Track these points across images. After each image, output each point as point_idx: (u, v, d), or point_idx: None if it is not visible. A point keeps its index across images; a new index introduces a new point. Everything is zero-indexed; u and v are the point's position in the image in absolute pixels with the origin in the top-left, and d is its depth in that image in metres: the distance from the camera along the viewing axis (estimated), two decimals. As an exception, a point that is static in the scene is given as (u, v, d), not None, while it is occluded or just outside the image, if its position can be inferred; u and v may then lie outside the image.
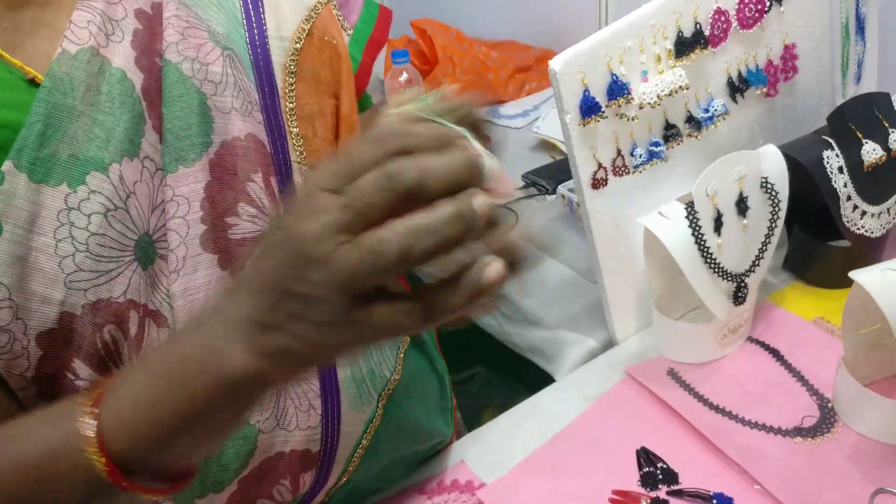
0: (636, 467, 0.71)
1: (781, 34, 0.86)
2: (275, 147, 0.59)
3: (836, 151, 0.84)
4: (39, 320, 0.47)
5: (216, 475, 0.56)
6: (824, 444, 0.71)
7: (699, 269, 0.76)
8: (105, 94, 0.49)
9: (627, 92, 0.76)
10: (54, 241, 0.46)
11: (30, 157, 0.45)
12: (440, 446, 0.78)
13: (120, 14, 0.51)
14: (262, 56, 0.59)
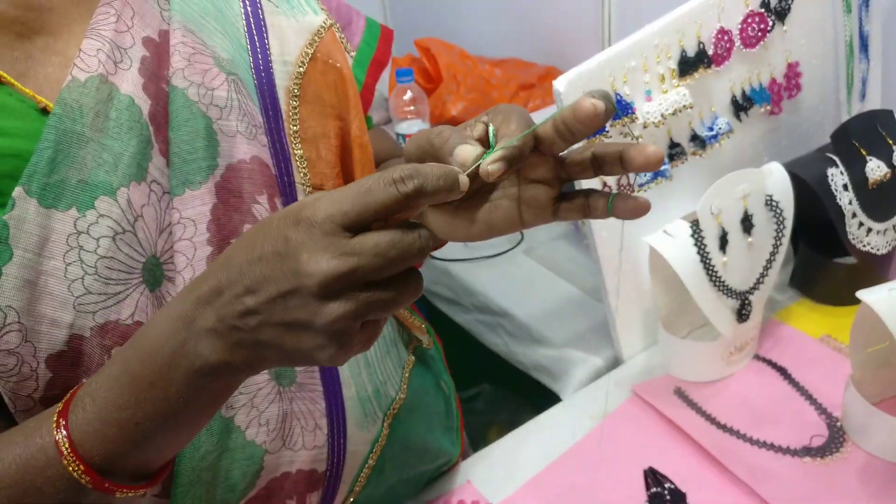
0: (644, 488, 0.71)
1: (785, 53, 0.87)
2: (279, 169, 0.59)
3: (840, 169, 0.84)
4: (49, 343, 0.47)
5: (223, 496, 0.56)
6: (833, 464, 0.70)
7: (704, 287, 0.76)
8: (113, 120, 0.50)
9: (632, 111, 0.77)
10: (64, 264, 0.47)
11: (40, 183, 0.46)
12: (446, 467, 0.78)
13: (128, 42, 0.52)
14: (265, 80, 0.59)
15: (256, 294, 0.38)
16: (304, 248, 0.37)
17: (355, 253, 0.37)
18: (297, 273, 0.37)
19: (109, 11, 0.52)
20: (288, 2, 0.63)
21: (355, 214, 0.37)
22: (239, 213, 0.55)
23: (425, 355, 0.75)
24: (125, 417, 0.41)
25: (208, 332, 0.39)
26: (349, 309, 0.37)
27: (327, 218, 0.37)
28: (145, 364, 0.41)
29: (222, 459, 0.55)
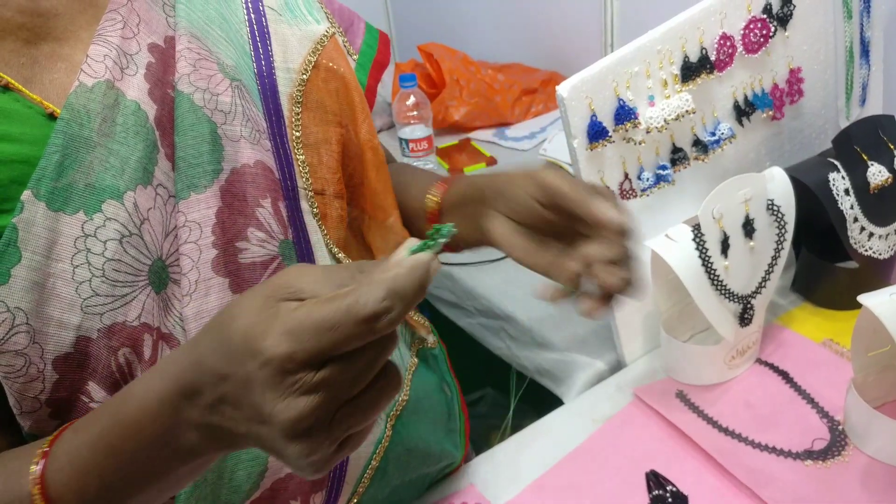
0: (646, 490, 0.71)
1: (786, 58, 0.87)
2: (283, 173, 0.60)
3: (841, 173, 0.85)
4: (56, 345, 0.48)
5: (228, 497, 0.56)
6: (835, 468, 0.70)
7: (706, 291, 0.76)
8: (120, 125, 0.50)
9: (634, 116, 0.77)
10: (71, 267, 0.47)
11: (48, 187, 0.47)
12: (449, 469, 0.78)
13: (134, 48, 0.53)
14: (269, 87, 0.60)
15: (230, 407, 0.38)
16: (266, 386, 0.35)
17: (319, 387, 0.35)
18: (262, 411, 0.36)
19: (116, 18, 0.53)
20: (291, 11, 0.64)
21: (317, 352, 0.34)
22: (243, 216, 0.56)
23: (428, 357, 0.75)
24: (103, 481, 0.42)
25: (192, 425, 0.40)
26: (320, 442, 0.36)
27: (286, 358, 0.34)
28: (128, 439, 0.42)
29: (227, 460, 0.55)
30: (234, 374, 0.37)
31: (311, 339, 0.34)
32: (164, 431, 0.41)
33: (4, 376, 0.47)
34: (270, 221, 0.57)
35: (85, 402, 0.50)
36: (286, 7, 0.64)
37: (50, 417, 0.49)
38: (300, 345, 0.34)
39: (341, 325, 0.34)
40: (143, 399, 0.41)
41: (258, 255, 0.56)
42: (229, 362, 0.37)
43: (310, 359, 0.35)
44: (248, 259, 0.56)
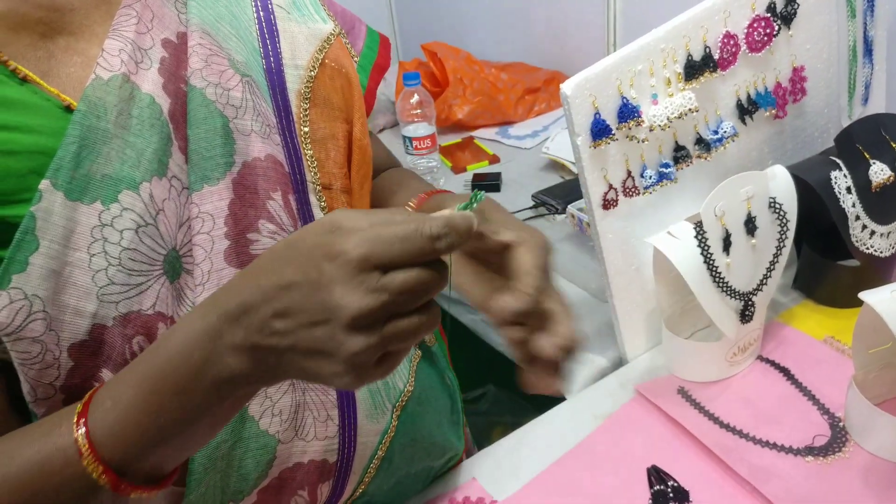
0: (647, 485, 0.72)
1: (790, 57, 0.88)
2: (292, 168, 0.61)
3: (844, 172, 0.85)
4: (72, 332, 0.48)
5: (237, 485, 0.57)
6: (836, 464, 0.71)
7: (708, 288, 0.77)
8: (135, 117, 0.51)
9: (637, 114, 0.78)
10: (88, 255, 0.48)
11: (66, 177, 0.47)
12: (452, 462, 0.79)
13: (148, 43, 0.54)
14: (278, 83, 0.61)
15: (286, 319, 0.40)
16: (338, 282, 0.38)
17: (385, 290, 0.38)
18: (329, 306, 0.38)
19: (130, 13, 0.53)
20: (299, 9, 0.65)
21: (388, 259, 0.39)
22: (254, 208, 0.57)
23: (430, 351, 0.76)
24: (147, 422, 0.43)
25: (235, 348, 0.41)
26: (373, 343, 0.39)
27: (363, 258, 0.38)
28: (169, 373, 0.42)
29: (236, 448, 0.56)
30: (304, 279, 0.39)
31: (386, 246, 0.39)
32: (204, 361, 0.41)
33: (21, 363, 0.47)
34: (281, 214, 0.58)
35: None
36: (294, 5, 0.65)
37: (64, 405, 0.50)
38: (376, 249, 0.39)
39: (412, 239, 0.39)
40: (184, 332, 0.43)
41: (269, 246, 0.57)
42: (297, 270, 0.40)
43: (382, 263, 0.39)
44: (259, 250, 0.57)
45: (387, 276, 0.39)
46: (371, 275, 0.38)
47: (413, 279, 0.39)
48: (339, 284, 0.38)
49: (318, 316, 0.39)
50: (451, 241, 0.40)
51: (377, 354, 0.40)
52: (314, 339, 0.39)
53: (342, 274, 0.38)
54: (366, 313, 0.38)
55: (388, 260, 0.39)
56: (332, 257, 0.39)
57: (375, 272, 0.39)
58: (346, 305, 0.38)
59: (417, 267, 0.39)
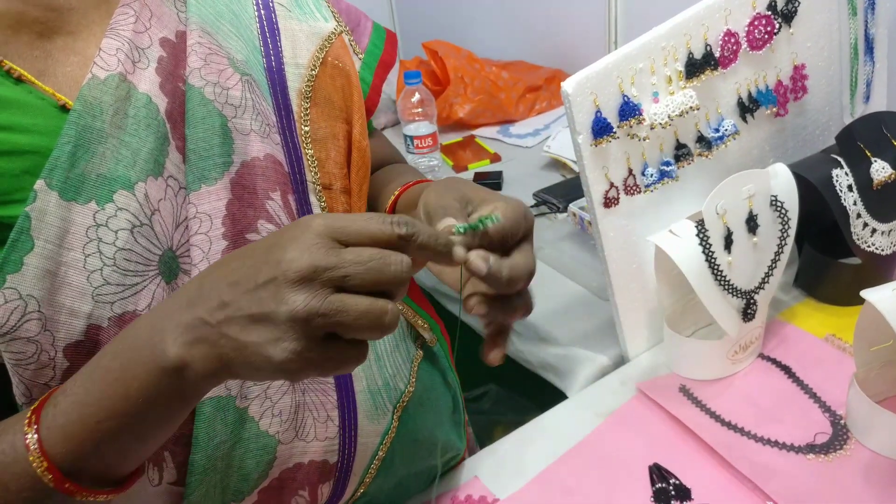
0: (649, 483, 0.72)
1: (791, 55, 0.87)
2: (292, 167, 0.60)
3: (845, 170, 0.85)
4: (67, 332, 0.48)
5: (237, 485, 0.57)
6: (837, 461, 0.71)
7: (709, 287, 0.77)
8: (132, 117, 0.51)
9: (639, 113, 0.78)
10: (83, 255, 0.48)
11: (61, 177, 0.47)
12: (454, 462, 0.79)
13: (146, 42, 0.54)
14: (278, 81, 0.61)
15: (235, 287, 0.40)
16: (295, 243, 0.39)
17: (338, 256, 0.39)
18: (279, 262, 0.39)
19: (128, 12, 0.53)
20: (300, 7, 0.64)
21: (349, 233, 0.40)
22: (253, 208, 0.56)
23: (432, 351, 0.76)
24: (88, 414, 0.42)
25: (176, 327, 0.41)
26: (314, 304, 0.38)
27: (324, 228, 0.39)
28: (114, 359, 0.42)
29: (236, 449, 0.56)
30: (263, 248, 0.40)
31: (348, 220, 0.40)
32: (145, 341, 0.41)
33: (16, 363, 0.47)
34: (280, 214, 0.58)
35: None
36: (295, 4, 0.64)
37: None
38: (338, 221, 0.40)
39: (374, 218, 0.41)
40: (134, 324, 0.43)
41: None
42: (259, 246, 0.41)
43: (341, 236, 0.40)
44: None
45: (344, 249, 0.39)
46: (328, 241, 0.39)
47: (368, 252, 0.39)
48: (295, 245, 0.39)
49: (267, 274, 0.39)
50: (410, 231, 0.41)
51: (320, 323, 0.38)
52: (257, 301, 0.39)
53: (300, 236, 0.39)
54: (312, 269, 0.38)
55: (348, 234, 0.40)
56: (295, 233, 0.40)
57: (334, 242, 0.39)
58: (295, 259, 0.38)
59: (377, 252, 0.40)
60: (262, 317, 0.39)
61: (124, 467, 0.46)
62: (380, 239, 0.40)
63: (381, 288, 0.40)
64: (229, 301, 0.40)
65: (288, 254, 0.39)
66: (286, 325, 0.38)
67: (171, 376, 0.41)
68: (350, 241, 0.40)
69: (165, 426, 0.45)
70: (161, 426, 0.45)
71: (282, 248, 0.39)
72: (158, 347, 0.41)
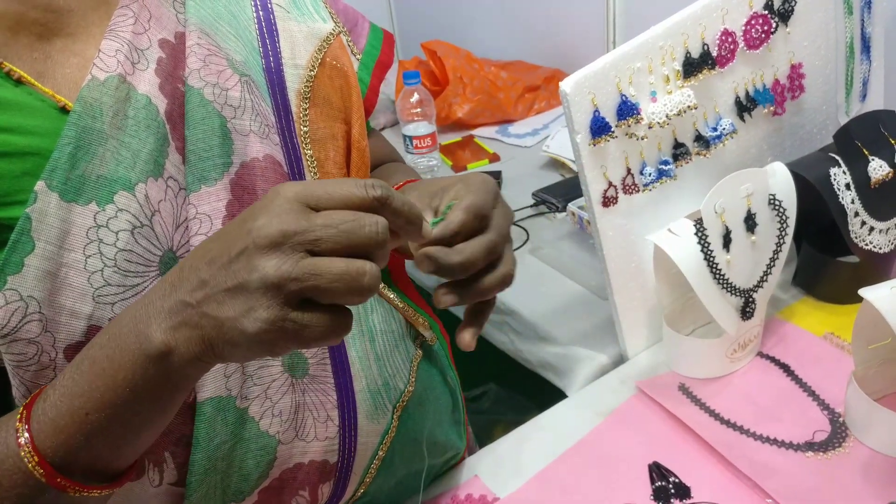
0: (648, 482, 0.72)
1: (788, 54, 0.88)
2: (291, 168, 0.61)
3: (842, 168, 0.85)
4: (68, 333, 0.48)
5: (237, 485, 0.57)
6: (836, 459, 0.71)
7: (708, 285, 0.77)
8: (131, 118, 0.51)
9: (637, 112, 0.78)
10: (84, 256, 0.48)
11: (61, 178, 0.47)
12: (454, 461, 0.79)
13: (145, 43, 0.54)
14: (277, 82, 0.61)
15: (211, 264, 0.40)
16: (265, 211, 0.39)
17: (308, 219, 0.39)
18: (250, 231, 0.39)
19: (127, 14, 0.53)
20: (298, 8, 0.65)
21: (320, 196, 0.39)
22: None
23: (431, 350, 0.76)
24: (77, 406, 0.42)
25: (159, 312, 0.41)
26: (285, 269, 0.38)
27: (294, 194, 0.40)
28: (101, 350, 0.42)
29: (237, 449, 0.56)
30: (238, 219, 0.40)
31: (319, 184, 0.40)
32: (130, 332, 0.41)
33: (17, 365, 0.47)
34: None
35: None
36: (293, 4, 0.65)
37: None
38: (309, 187, 0.40)
39: (345, 182, 0.40)
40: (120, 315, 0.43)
41: None
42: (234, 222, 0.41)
43: (312, 200, 0.39)
44: None
45: (316, 213, 0.39)
46: (299, 206, 0.39)
47: (340, 214, 0.39)
48: (265, 213, 0.39)
49: (239, 245, 0.39)
50: (384, 194, 0.40)
51: (293, 288, 0.38)
52: (232, 274, 0.39)
53: (270, 204, 0.39)
54: (282, 233, 0.38)
55: (319, 197, 0.39)
56: (266, 202, 0.40)
57: (305, 208, 0.39)
58: (264, 226, 0.38)
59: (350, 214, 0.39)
60: (236, 288, 0.39)
61: (118, 461, 0.46)
62: (353, 202, 0.40)
63: (358, 251, 0.39)
64: (207, 279, 0.40)
65: (258, 221, 0.38)
66: (258, 292, 0.38)
67: (156, 363, 0.41)
68: (322, 206, 0.40)
69: (157, 417, 0.45)
70: (152, 417, 0.44)
71: (253, 217, 0.39)
72: (143, 334, 0.41)
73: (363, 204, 0.40)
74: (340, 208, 0.40)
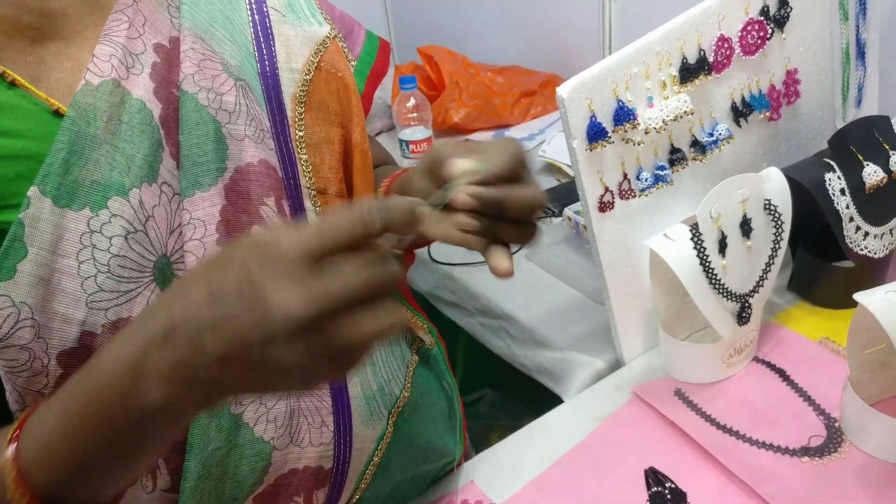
0: (645, 487, 0.72)
1: (783, 60, 0.88)
2: (286, 172, 0.60)
3: (837, 174, 0.86)
4: (60, 339, 0.48)
5: (232, 491, 0.57)
6: (832, 464, 0.71)
7: (704, 290, 0.77)
8: (125, 123, 0.51)
9: (633, 117, 0.78)
10: (77, 262, 0.48)
11: (54, 183, 0.47)
12: (450, 466, 0.79)
13: (139, 48, 0.54)
14: (272, 86, 0.61)
15: (218, 332, 0.37)
16: (271, 289, 0.36)
17: (323, 291, 0.36)
18: (263, 310, 0.36)
19: (122, 18, 0.53)
20: (294, 12, 0.65)
21: (322, 249, 0.37)
22: (247, 214, 0.56)
23: (428, 355, 0.76)
24: (72, 448, 0.41)
25: (161, 377, 0.38)
26: (315, 350, 0.36)
27: (294, 255, 0.36)
28: (94, 402, 0.41)
29: (231, 455, 0.56)
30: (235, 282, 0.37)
31: (316, 232, 0.38)
32: (128, 394, 0.39)
33: (9, 370, 0.47)
34: (274, 219, 0.58)
35: None
36: (289, 8, 0.65)
37: None
38: (306, 242, 0.37)
39: (343, 221, 0.38)
40: (112, 357, 0.40)
41: None
42: (229, 274, 0.37)
43: (317, 251, 0.37)
44: None
45: (325, 276, 0.36)
46: (305, 271, 0.36)
47: (354, 278, 0.37)
48: (273, 286, 0.36)
49: (253, 323, 0.36)
50: (385, 222, 0.39)
51: (325, 357, 0.37)
52: (252, 351, 0.36)
53: (273, 277, 0.36)
54: (303, 321, 0.36)
55: (322, 250, 0.37)
56: (265, 256, 0.37)
57: (310, 267, 0.36)
58: (282, 311, 0.35)
59: (362, 265, 0.37)
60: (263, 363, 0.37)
61: (108, 493, 0.45)
62: (356, 242, 0.38)
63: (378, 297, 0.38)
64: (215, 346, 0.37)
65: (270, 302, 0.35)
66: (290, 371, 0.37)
67: (165, 419, 0.40)
68: (326, 251, 0.37)
69: (156, 454, 0.46)
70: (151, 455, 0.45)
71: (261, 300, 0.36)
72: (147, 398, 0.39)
73: (368, 233, 0.39)
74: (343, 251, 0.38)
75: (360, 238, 0.38)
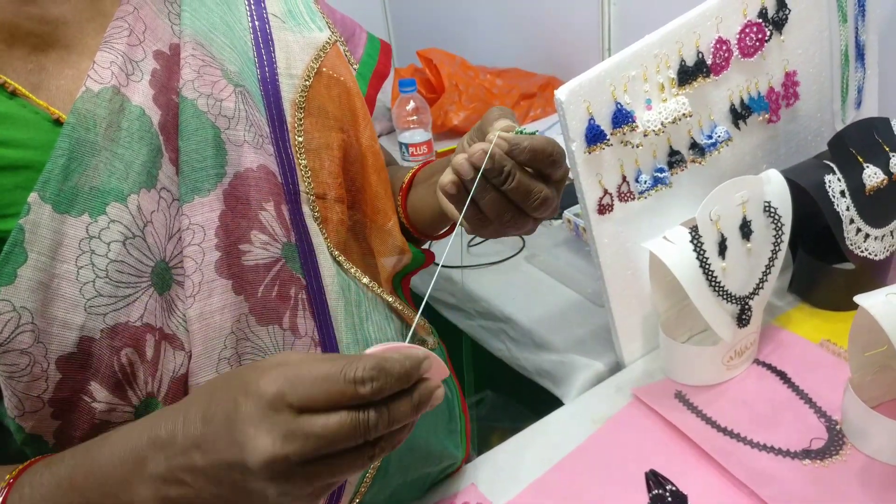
0: (645, 489, 0.72)
1: (782, 62, 0.88)
2: (285, 178, 0.60)
3: (837, 175, 0.86)
4: (60, 344, 0.48)
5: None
6: (833, 466, 0.71)
7: (704, 292, 0.77)
8: (125, 129, 0.51)
9: (632, 120, 0.78)
10: (76, 267, 0.48)
11: (54, 190, 0.47)
12: (450, 469, 0.78)
13: (139, 55, 0.54)
14: (272, 92, 0.61)
15: (204, 452, 0.40)
16: (251, 421, 0.38)
17: (300, 435, 0.37)
18: (242, 448, 0.38)
19: (122, 26, 0.54)
20: (294, 18, 0.65)
21: (303, 398, 0.38)
22: (246, 219, 0.56)
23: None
24: None
25: (154, 479, 0.41)
26: (290, 490, 0.38)
27: (275, 395, 0.38)
28: (89, 482, 0.43)
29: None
30: (222, 412, 0.39)
31: (304, 386, 0.38)
32: (123, 484, 0.42)
33: (9, 376, 0.47)
34: (273, 224, 0.58)
35: (87, 402, 0.50)
36: (289, 14, 0.65)
37: (52, 417, 0.50)
38: (293, 388, 0.38)
39: (332, 379, 0.38)
40: (119, 444, 0.43)
41: (261, 257, 0.57)
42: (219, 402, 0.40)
43: (298, 403, 0.38)
44: (251, 261, 0.56)
45: (304, 419, 0.37)
46: (284, 415, 0.37)
47: (333, 427, 0.37)
48: (252, 423, 0.38)
49: (232, 456, 0.38)
50: (379, 386, 0.38)
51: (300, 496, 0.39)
52: (229, 481, 0.39)
53: (254, 411, 0.38)
54: (279, 460, 0.37)
55: (303, 399, 0.38)
56: (248, 392, 0.39)
57: (289, 412, 0.38)
58: (257, 450, 0.37)
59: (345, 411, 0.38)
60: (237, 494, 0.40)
61: None
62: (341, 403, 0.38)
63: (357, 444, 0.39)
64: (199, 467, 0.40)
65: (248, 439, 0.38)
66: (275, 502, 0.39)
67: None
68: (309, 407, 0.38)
69: None
70: None
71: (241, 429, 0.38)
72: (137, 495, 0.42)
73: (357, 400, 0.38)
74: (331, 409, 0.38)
75: (346, 401, 0.38)
